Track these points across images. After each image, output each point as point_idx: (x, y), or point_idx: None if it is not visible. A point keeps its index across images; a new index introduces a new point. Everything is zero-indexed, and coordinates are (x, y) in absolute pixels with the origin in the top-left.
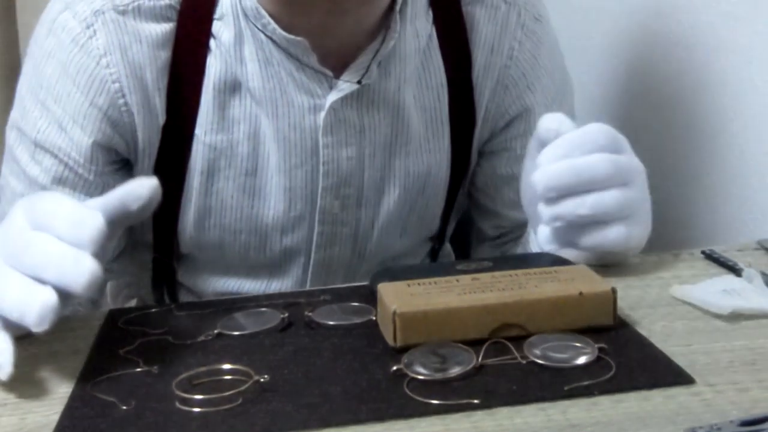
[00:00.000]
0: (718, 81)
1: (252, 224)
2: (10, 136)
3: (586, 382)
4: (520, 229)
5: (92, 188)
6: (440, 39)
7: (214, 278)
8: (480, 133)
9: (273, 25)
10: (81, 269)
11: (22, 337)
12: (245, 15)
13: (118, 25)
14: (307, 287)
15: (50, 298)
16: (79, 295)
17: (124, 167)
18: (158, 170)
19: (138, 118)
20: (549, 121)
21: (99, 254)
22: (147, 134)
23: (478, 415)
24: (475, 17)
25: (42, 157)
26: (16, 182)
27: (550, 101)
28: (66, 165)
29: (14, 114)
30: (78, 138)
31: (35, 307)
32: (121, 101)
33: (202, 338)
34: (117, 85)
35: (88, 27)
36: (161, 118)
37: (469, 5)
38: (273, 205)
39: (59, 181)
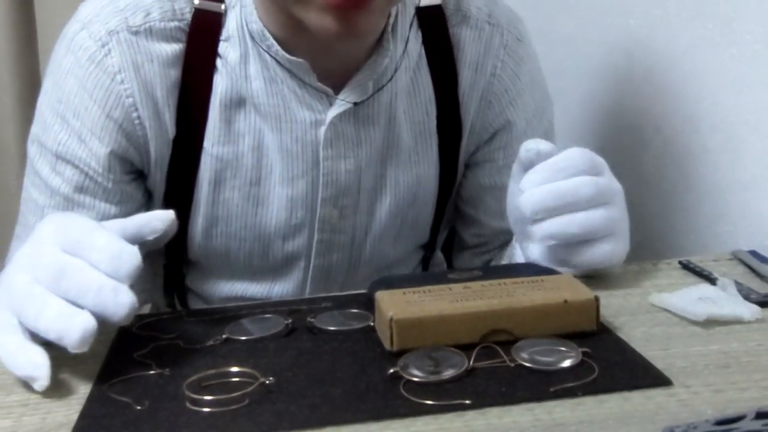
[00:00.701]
0: (693, 103)
1: (256, 232)
2: (32, 150)
3: (570, 384)
4: (498, 238)
5: (111, 195)
6: (428, 58)
7: (221, 283)
8: (466, 145)
9: (276, 46)
10: (121, 301)
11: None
12: (252, 37)
13: (131, 44)
14: (307, 291)
15: (90, 322)
16: (116, 325)
17: (139, 177)
18: (169, 181)
19: (150, 131)
20: (530, 145)
21: (133, 286)
22: (158, 146)
23: (470, 414)
24: (461, 38)
25: (63, 168)
26: (38, 194)
27: (531, 116)
28: (86, 174)
29: (35, 129)
30: (96, 148)
31: (77, 331)
32: (135, 115)
33: (210, 343)
34: (131, 99)
35: (103, 46)
36: (171, 132)
37: (456, 27)
38: (276, 213)
39: (80, 190)
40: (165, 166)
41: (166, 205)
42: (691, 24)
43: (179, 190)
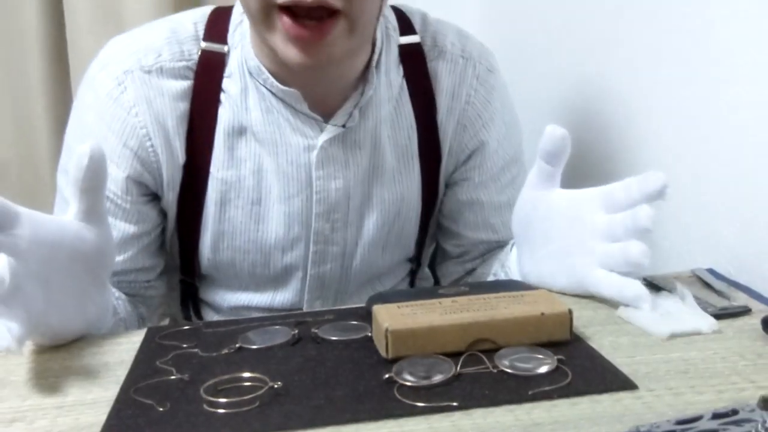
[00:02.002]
0: (656, 136)
1: (258, 245)
2: (60, 179)
3: (547, 388)
4: (477, 248)
5: (129, 216)
6: (409, 88)
7: (229, 293)
8: (446, 167)
9: (272, 79)
10: None
11: (75, 348)
12: (250, 73)
13: (144, 82)
14: (305, 299)
15: None
16: None
17: (154, 199)
18: (181, 202)
19: (162, 157)
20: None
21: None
22: (170, 172)
23: (457, 415)
24: (438, 70)
25: None
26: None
27: (502, 137)
28: (107, 197)
29: (62, 160)
30: (115, 174)
31: None
32: (148, 143)
33: (225, 351)
34: (144, 130)
35: (120, 84)
36: (181, 158)
37: (433, 61)
38: (275, 228)
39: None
40: (177, 189)
41: (178, 224)
42: (655, 63)
43: (189, 210)
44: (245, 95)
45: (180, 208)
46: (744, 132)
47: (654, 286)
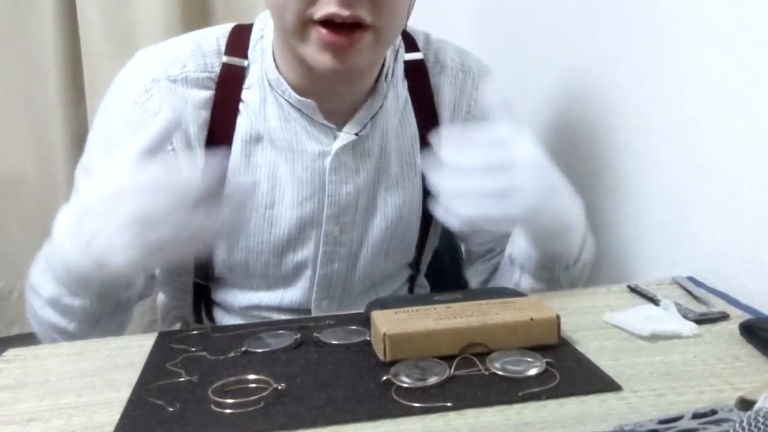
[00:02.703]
0: (645, 148)
1: (270, 246)
2: (79, 175)
3: (536, 389)
4: (500, 242)
5: None
6: (413, 101)
7: (241, 293)
8: None
9: (290, 90)
10: None
11: (89, 351)
12: (270, 84)
13: (170, 90)
14: (313, 298)
15: None
16: None
17: None
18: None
19: (182, 161)
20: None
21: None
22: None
23: (451, 415)
24: (440, 85)
25: None
26: None
27: None
28: None
29: (83, 160)
30: None
31: None
32: (170, 147)
33: (232, 354)
34: None
35: (146, 91)
36: (200, 164)
37: (435, 76)
38: (287, 230)
39: None
40: None
41: None
42: (646, 70)
43: None
44: (264, 105)
45: None
46: (723, 150)
47: (638, 293)
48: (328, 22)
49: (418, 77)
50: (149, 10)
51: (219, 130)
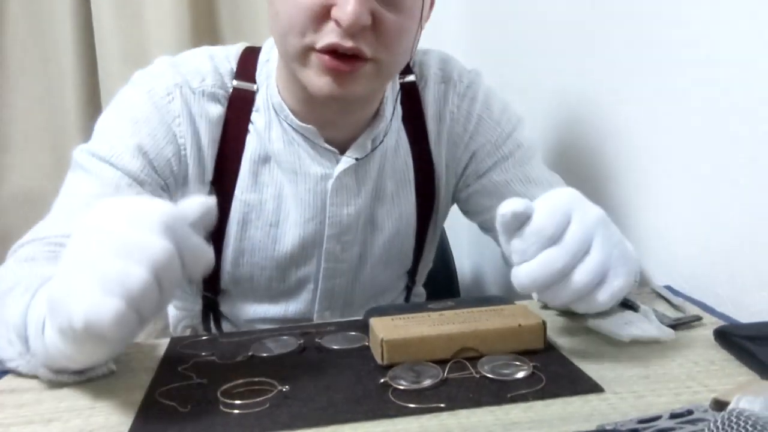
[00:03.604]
0: (626, 164)
1: (274, 262)
2: (79, 157)
3: (523, 391)
4: None
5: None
6: (405, 120)
7: (246, 306)
8: (446, 183)
9: (292, 116)
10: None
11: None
12: (274, 109)
13: (190, 99)
14: (315, 310)
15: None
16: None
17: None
18: None
19: (191, 169)
20: (504, 210)
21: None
22: (196, 184)
23: (444, 415)
24: (426, 99)
25: (112, 170)
26: (88, 187)
27: (497, 136)
28: (132, 179)
29: (89, 144)
30: (143, 164)
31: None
32: (183, 152)
33: (239, 359)
34: (182, 140)
35: (168, 94)
36: (209, 176)
37: (421, 91)
38: (290, 248)
39: (117, 194)
40: None
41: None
42: (628, 89)
43: (214, 229)
44: (269, 128)
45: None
46: (697, 169)
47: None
48: (329, 51)
49: (411, 95)
50: (161, 33)
51: (229, 148)
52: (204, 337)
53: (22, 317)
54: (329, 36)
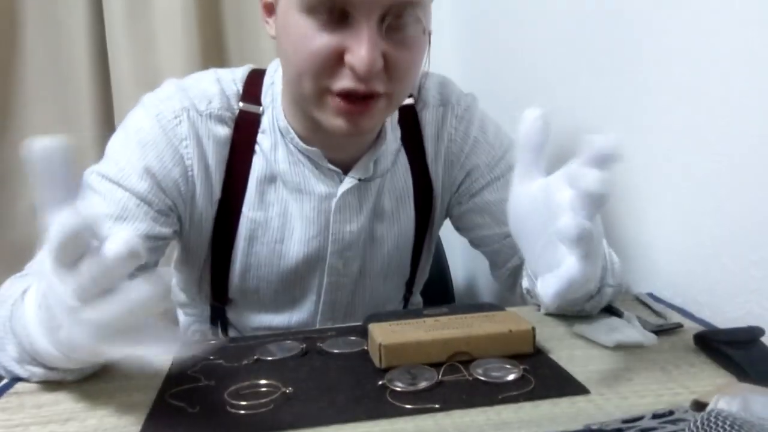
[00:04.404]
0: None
1: (279, 276)
2: (91, 179)
3: (514, 393)
4: (502, 244)
5: (156, 220)
6: (404, 141)
7: (252, 315)
8: (441, 201)
9: (297, 139)
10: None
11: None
12: (280, 131)
13: (197, 121)
14: (318, 320)
15: None
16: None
17: (172, 220)
18: (214, 237)
19: (199, 189)
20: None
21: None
22: (204, 202)
23: (439, 415)
24: (424, 121)
25: (120, 192)
26: (120, 199)
27: (491, 158)
28: (140, 199)
29: (99, 166)
30: (150, 186)
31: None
32: (190, 173)
33: (245, 362)
34: (189, 161)
35: (176, 117)
36: (217, 194)
37: (421, 111)
38: (294, 263)
39: (125, 214)
40: (210, 224)
41: (212, 254)
42: (611, 110)
43: (222, 244)
44: (275, 149)
45: (214, 242)
46: (677, 185)
47: (606, 308)
48: (345, 94)
49: (409, 118)
50: (171, 57)
51: (236, 168)
52: (212, 342)
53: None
54: (344, 81)
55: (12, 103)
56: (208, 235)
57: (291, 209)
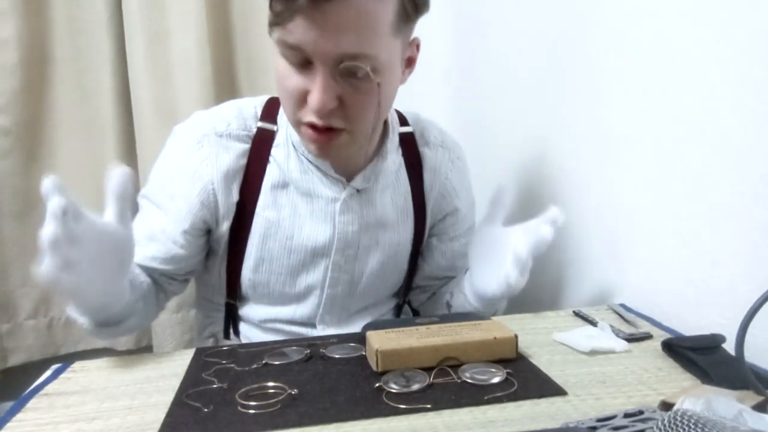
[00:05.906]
0: (585, 202)
1: (288, 270)
2: (141, 202)
3: (498, 394)
4: (441, 281)
5: (182, 242)
6: (406, 165)
7: (261, 308)
8: (429, 223)
9: (307, 152)
10: None
11: (140, 364)
12: (293, 145)
13: (216, 142)
14: (319, 313)
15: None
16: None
17: (206, 234)
18: (231, 233)
19: (220, 197)
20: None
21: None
22: (225, 207)
23: (430, 415)
24: (425, 154)
25: (157, 214)
26: (156, 222)
27: (468, 208)
28: (182, 228)
29: (145, 189)
30: (181, 205)
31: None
32: (211, 187)
33: (255, 366)
34: (209, 177)
35: (197, 142)
36: (235, 198)
37: (422, 147)
38: (302, 258)
39: (162, 232)
40: (229, 222)
41: (229, 250)
42: (583, 138)
43: (238, 241)
44: (288, 160)
45: (231, 238)
46: (645, 203)
47: (580, 317)
48: (311, 126)
49: (409, 146)
50: (188, 91)
51: (252, 175)
52: (225, 348)
53: None
54: (308, 115)
55: (41, 132)
56: (226, 233)
57: (301, 210)
